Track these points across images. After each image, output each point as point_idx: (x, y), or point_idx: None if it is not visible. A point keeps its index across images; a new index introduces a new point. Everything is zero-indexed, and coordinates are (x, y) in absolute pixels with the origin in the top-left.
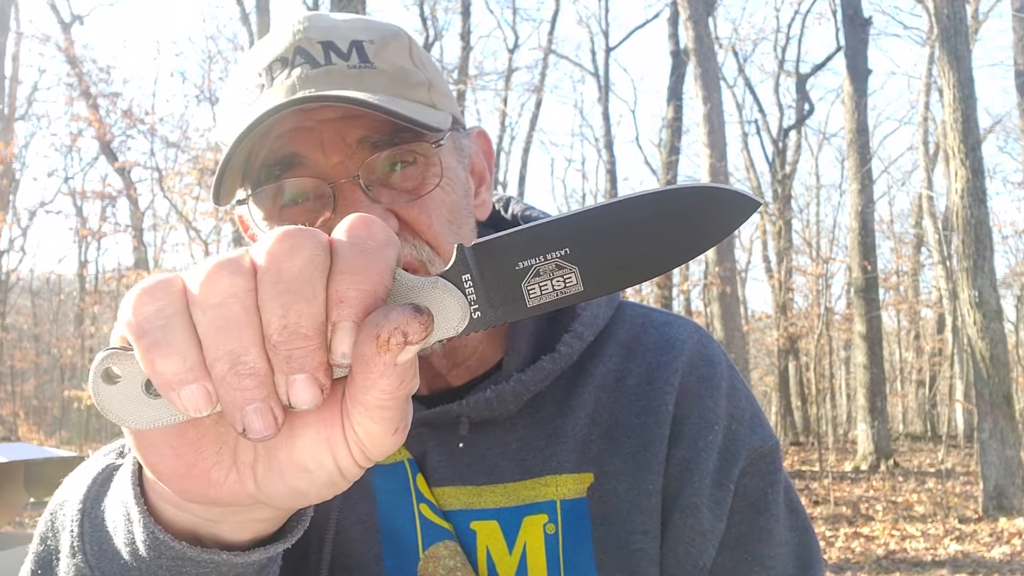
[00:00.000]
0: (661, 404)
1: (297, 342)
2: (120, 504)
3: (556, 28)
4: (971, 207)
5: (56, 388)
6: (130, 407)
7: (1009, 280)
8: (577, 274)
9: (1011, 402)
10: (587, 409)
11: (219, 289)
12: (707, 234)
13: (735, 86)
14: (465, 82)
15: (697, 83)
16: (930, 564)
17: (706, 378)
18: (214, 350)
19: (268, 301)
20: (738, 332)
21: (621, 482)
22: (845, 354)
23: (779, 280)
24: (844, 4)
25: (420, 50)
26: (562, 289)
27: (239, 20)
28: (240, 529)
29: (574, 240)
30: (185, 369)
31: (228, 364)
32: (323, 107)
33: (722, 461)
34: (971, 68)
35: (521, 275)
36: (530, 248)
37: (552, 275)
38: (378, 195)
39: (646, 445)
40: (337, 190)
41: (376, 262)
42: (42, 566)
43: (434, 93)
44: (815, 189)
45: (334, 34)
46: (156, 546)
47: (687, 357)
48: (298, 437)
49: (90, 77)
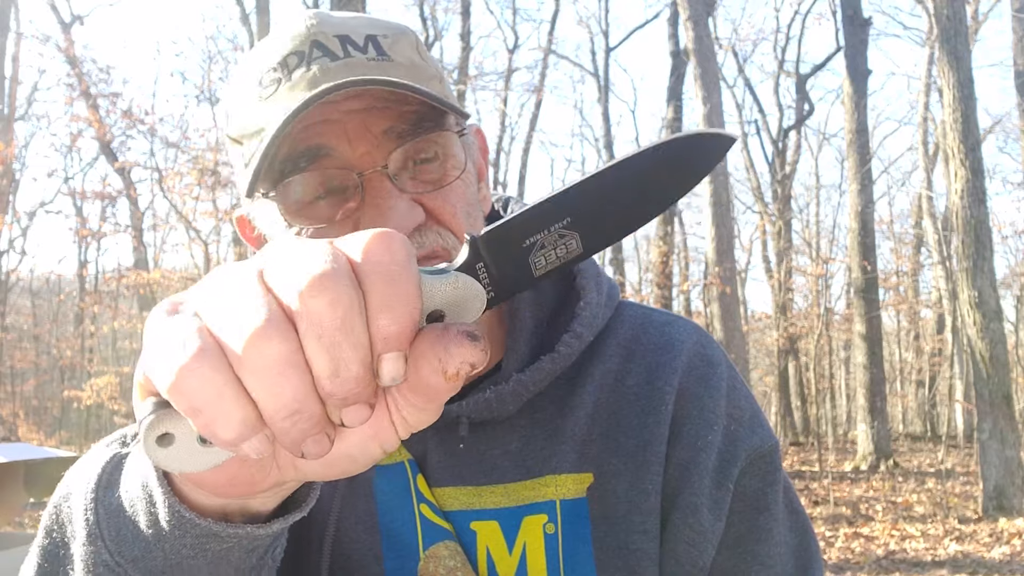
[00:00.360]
0: (660, 404)
1: (349, 386)
2: (139, 488)
3: (556, 28)
4: (971, 207)
5: (56, 388)
6: (187, 459)
7: (1009, 280)
8: (578, 239)
9: (1011, 402)
10: (587, 409)
11: (267, 354)
12: (693, 175)
13: (735, 86)
14: (465, 82)
15: (697, 83)
16: (930, 564)
17: (705, 378)
18: (271, 409)
19: (316, 358)
20: (738, 332)
21: (620, 482)
22: (845, 354)
23: (779, 280)
24: (844, 4)
25: (424, 48)
26: (564, 255)
27: (239, 20)
28: (267, 502)
29: (573, 209)
30: (246, 432)
31: (286, 417)
32: (347, 99)
33: (721, 461)
34: (971, 68)
35: (528, 251)
36: (535, 225)
37: (556, 244)
38: (404, 186)
39: (645, 445)
40: (365, 181)
41: (406, 287)
42: (49, 559)
43: (445, 87)
44: (815, 189)
45: (348, 28)
46: (182, 525)
47: (686, 357)
48: (347, 435)
49: (90, 77)
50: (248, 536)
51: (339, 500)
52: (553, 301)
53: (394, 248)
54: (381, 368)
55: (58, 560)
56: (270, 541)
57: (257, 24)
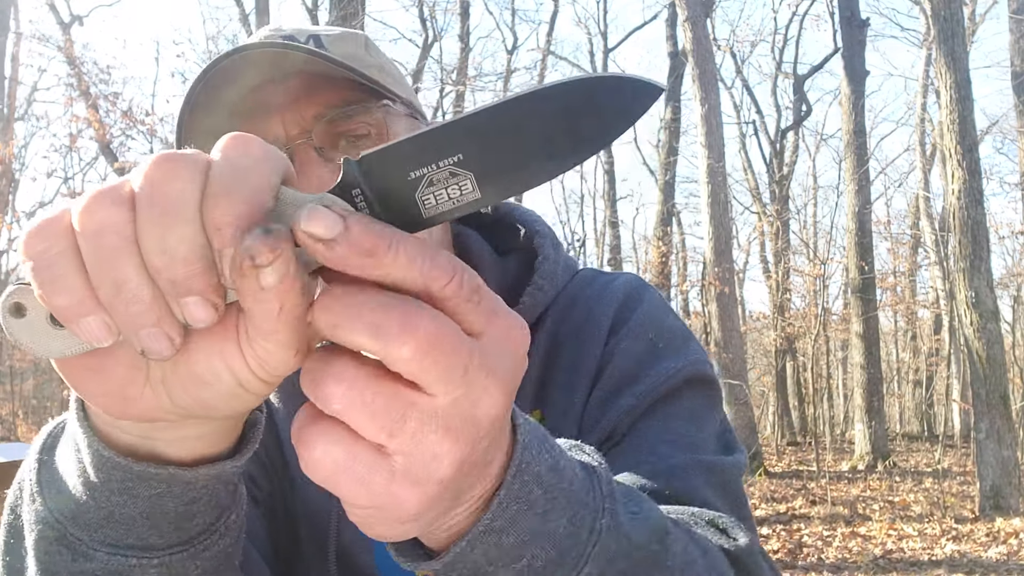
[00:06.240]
0: (592, 341)
1: (177, 267)
2: (70, 438)
3: (555, 29)
4: (968, 208)
5: (55, 388)
6: (39, 338)
7: (1006, 281)
8: (472, 180)
9: (1007, 402)
10: (540, 355)
11: (97, 219)
12: (607, 127)
13: (733, 87)
14: (464, 83)
15: (695, 84)
16: (927, 564)
17: (634, 305)
18: (97, 280)
19: (145, 228)
20: (736, 332)
21: (558, 414)
22: (842, 354)
23: (777, 280)
24: (841, 6)
25: (377, 48)
26: (458, 197)
27: (239, 21)
28: (177, 446)
29: (465, 145)
30: (76, 302)
31: (112, 292)
32: (283, 86)
33: (639, 364)
34: (968, 69)
35: (414, 185)
36: (420, 156)
37: (447, 183)
38: (330, 157)
39: (577, 378)
40: (293, 153)
41: (250, 180)
42: (15, 535)
43: (385, 76)
44: (812, 190)
45: (296, 32)
46: (102, 466)
47: (622, 294)
48: (193, 352)
49: (90, 77)
50: (174, 479)
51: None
52: (516, 269)
53: (250, 145)
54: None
55: (21, 535)
56: (207, 495)
57: (256, 24)
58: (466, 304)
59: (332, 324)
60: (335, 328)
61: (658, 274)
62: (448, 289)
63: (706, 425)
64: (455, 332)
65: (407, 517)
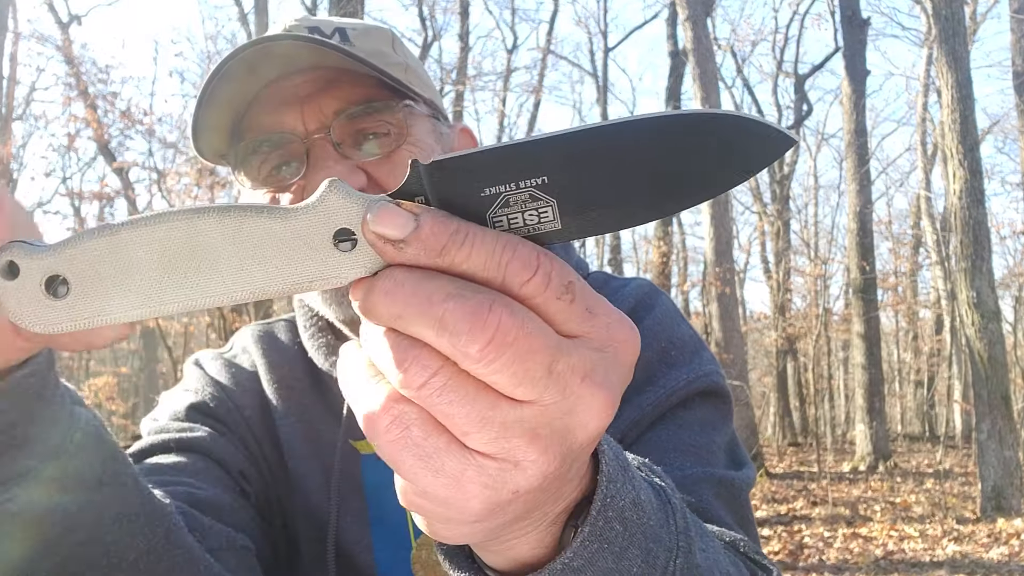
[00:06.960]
0: None
1: None
2: None
3: (555, 29)
4: (969, 208)
5: None
6: (29, 307)
7: (1007, 281)
8: (555, 208)
9: (1009, 403)
10: None
11: None
12: (723, 173)
13: (734, 87)
14: (464, 82)
15: (696, 84)
16: (928, 565)
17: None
18: None
19: None
20: (737, 332)
21: None
22: (843, 355)
23: (778, 281)
24: (842, 5)
25: (404, 45)
26: (535, 224)
27: (238, 20)
28: None
29: (554, 167)
30: None
31: None
32: (304, 82)
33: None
34: (969, 69)
35: (487, 203)
36: (499, 172)
37: (524, 207)
38: (347, 153)
39: None
40: (310, 147)
41: None
42: None
43: (410, 75)
44: (813, 190)
45: (321, 23)
46: None
47: (633, 300)
48: None
49: (88, 77)
50: None
51: (336, 497)
52: None
53: None
54: None
55: None
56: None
57: (256, 24)
58: (556, 302)
59: (395, 314)
60: (398, 318)
61: (659, 274)
62: (531, 285)
63: (717, 438)
64: (538, 331)
65: (469, 518)
